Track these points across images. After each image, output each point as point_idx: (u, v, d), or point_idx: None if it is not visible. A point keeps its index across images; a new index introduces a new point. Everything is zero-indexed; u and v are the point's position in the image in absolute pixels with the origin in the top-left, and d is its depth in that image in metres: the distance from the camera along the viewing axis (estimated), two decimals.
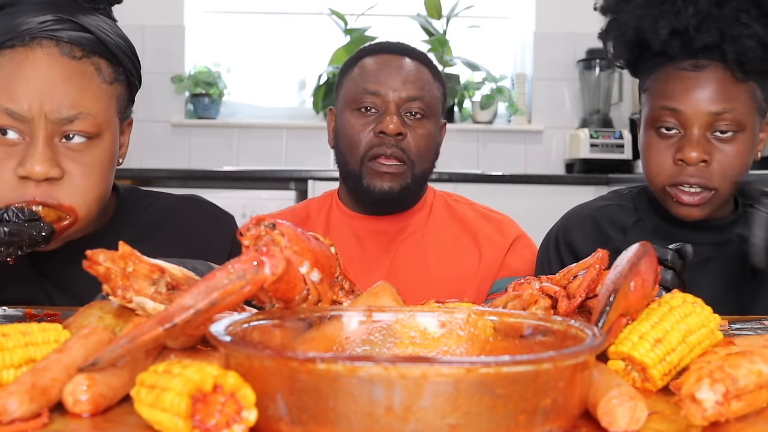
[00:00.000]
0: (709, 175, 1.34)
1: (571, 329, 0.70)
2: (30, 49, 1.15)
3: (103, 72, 1.20)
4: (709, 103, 1.32)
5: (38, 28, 1.15)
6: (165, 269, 0.84)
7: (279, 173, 3.58)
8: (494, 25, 4.36)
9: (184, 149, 4.16)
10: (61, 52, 1.15)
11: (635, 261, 0.82)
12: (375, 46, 1.66)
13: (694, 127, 1.33)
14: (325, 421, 0.57)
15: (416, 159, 1.58)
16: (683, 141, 1.34)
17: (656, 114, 1.37)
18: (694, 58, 1.35)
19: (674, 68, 1.36)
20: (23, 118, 1.13)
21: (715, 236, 1.43)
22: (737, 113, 1.32)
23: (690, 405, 0.65)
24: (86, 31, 1.18)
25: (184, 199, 1.45)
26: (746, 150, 1.35)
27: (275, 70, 4.33)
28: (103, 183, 1.21)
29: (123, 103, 1.25)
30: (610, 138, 3.89)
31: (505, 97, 4.14)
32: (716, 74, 1.33)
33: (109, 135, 1.21)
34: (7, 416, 0.64)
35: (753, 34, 1.31)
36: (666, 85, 1.36)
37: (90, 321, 0.87)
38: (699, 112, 1.33)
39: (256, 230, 0.81)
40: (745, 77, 1.33)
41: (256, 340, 0.71)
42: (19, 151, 1.14)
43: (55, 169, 1.14)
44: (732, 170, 1.35)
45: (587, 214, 1.51)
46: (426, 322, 0.78)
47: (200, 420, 0.59)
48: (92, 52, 1.18)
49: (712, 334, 0.83)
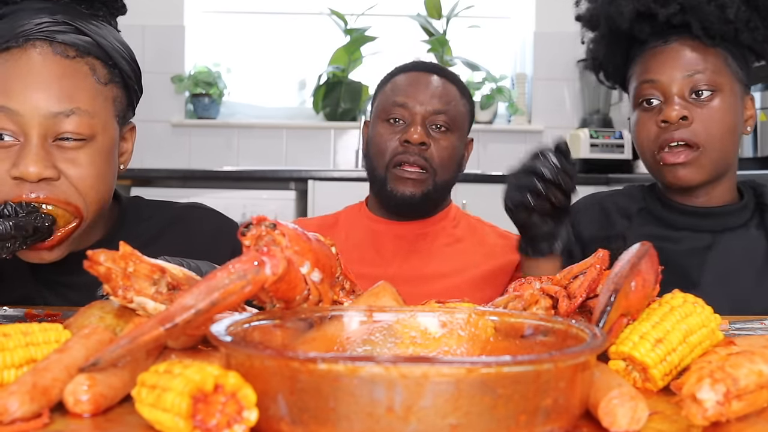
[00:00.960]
0: (692, 133, 1.41)
1: (572, 329, 0.70)
2: (24, 50, 1.16)
3: (98, 72, 1.20)
4: (683, 68, 1.43)
5: (34, 29, 1.17)
6: (166, 269, 0.84)
7: (279, 173, 3.58)
8: (494, 25, 4.36)
9: (184, 149, 4.16)
10: (55, 52, 1.16)
11: (636, 261, 0.82)
12: (408, 65, 1.78)
13: (673, 91, 1.42)
14: (326, 421, 0.57)
15: (438, 168, 1.67)
16: (664, 105, 1.43)
17: (639, 90, 1.47)
18: (663, 37, 1.45)
19: (649, 49, 1.47)
20: (17, 114, 1.13)
21: (716, 223, 1.47)
22: (711, 73, 1.42)
23: (691, 405, 0.65)
24: (82, 33, 1.19)
25: (188, 208, 1.45)
26: (728, 110, 1.42)
27: (275, 70, 4.33)
28: (101, 186, 1.20)
29: (120, 107, 1.24)
30: (610, 138, 3.90)
31: (505, 97, 4.15)
32: (686, 44, 1.44)
33: (104, 138, 1.20)
34: (7, 416, 0.64)
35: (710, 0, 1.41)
36: (643, 64, 1.48)
37: (91, 321, 0.87)
38: (674, 77, 1.42)
39: (257, 230, 0.81)
40: (713, 43, 1.43)
41: (256, 340, 0.71)
42: (13, 153, 1.14)
43: (50, 170, 1.13)
44: (715, 128, 1.41)
45: (596, 201, 1.59)
46: (427, 322, 0.78)
47: (201, 420, 0.59)
48: (86, 53, 1.19)
49: (712, 334, 0.83)
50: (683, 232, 1.46)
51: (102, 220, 1.29)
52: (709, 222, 1.47)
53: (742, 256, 1.44)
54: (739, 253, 1.44)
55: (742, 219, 1.47)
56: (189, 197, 3.35)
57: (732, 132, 1.44)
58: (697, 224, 1.47)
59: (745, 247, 1.45)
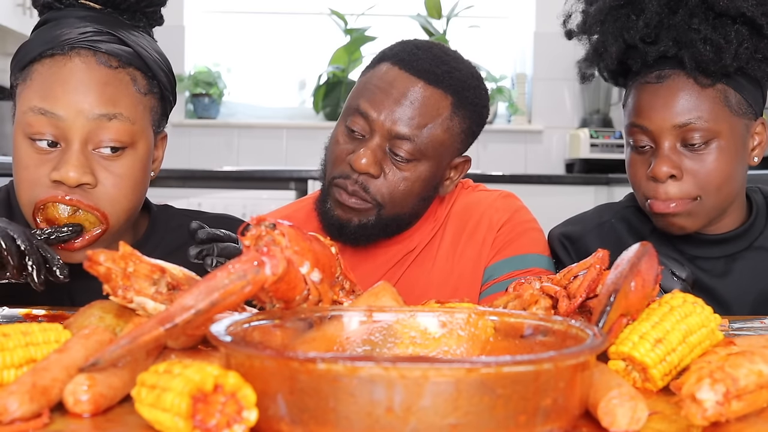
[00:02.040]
0: (684, 189, 1.29)
1: (572, 329, 0.70)
2: (68, 57, 1.18)
3: (138, 83, 1.22)
4: (674, 115, 1.28)
5: (78, 38, 1.19)
6: (166, 269, 0.84)
7: (279, 173, 3.58)
8: (494, 25, 4.36)
9: (184, 149, 4.16)
10: (98, 61, 1.18)
11: (635, 261, 0.82)
12: (400, 52, 1.37)
13: (663, 143, 1.29)
14: (326, 421, 0.57)
15: (387, 204, 1.34)
16: (654, 157, 1.31)
17: (629, 131, 1.35)
18: (657, 68, 1.32)
19: (641, 81, 1.33)
20: (59, 119, 1.15)
21: (727, 249, 1.39)
22: (705, 121, 1.28)
23: (690, 405, 0.65)
24: (124, 44, 1.21)
25: (216, 219, 1.44)
26: (725, 157, 1.30)
27: (275, 70, 4.33)
28: (135, 195, 1.22)
29: (156, 117, 1.26)
30: (610, 138, 3.90)
31: (505, 97, 4.15)
32: (679, 83, 1.30)
33: (143, 146, 1.22)
34: (7, 416, 0.64)
35: (705, 38, 1.27)
36: (635, 101, 1.34)
37: (91, 321, 0.87)
38: (664, 127, 1.29)
39: (256, 230, 0.81)
40: (709, 82, 1.29)
41: (256, 340, 0.71)
42: (54, 158, 1.16)
43: (88, 176, 1.15)
44: (712, 180, 1.29)
45: (605, 222, 1.48)
46: (426, 322, 0.78)
47: (201, 420, 0.59)
48: (128, 64, 1.21)
49: (712, 334, 0.83)
50: (696, 260, 1.38)
51: (131, 227, 1.31)
52: (720, 249, 1.39)
53: (758, 276, 1.38)
54: (755, 275, 1.38)
55: (754, 236, 1.40)
56: (189, 197, 3.35)
57: (732, 177, 1.31)
58: (708, 252, 1.39)
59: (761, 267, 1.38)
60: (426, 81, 1.32)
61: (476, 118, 1.40)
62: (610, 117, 4.12)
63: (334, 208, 1.35)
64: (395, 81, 1.33)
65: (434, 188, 1.40)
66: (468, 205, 1.49)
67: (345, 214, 1.34)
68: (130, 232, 1.31)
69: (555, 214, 1.61)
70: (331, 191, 1.36)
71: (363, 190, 1.32)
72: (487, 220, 1.46)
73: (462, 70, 1.37)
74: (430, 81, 1.33)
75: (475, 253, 1.44)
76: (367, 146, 1.31)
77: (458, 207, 1.49)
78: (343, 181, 1.33)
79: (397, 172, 1.33)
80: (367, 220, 1.35)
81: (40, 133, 1.16)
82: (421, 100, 1.32)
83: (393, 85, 1.32)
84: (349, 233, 1.36)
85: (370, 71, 1.38)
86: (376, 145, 1.31)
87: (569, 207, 1.59)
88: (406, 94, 1.32)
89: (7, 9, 3.45)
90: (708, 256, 1.39)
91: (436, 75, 1.33)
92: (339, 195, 1.34)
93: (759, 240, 1.40)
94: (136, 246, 1.28)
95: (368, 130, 1.32)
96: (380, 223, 1.36)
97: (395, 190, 1.33)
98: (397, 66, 1.34)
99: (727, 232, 1.39)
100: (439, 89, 1.33)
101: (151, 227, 1.36)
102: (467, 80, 1.37)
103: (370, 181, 1.32)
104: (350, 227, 1.35)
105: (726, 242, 1.39)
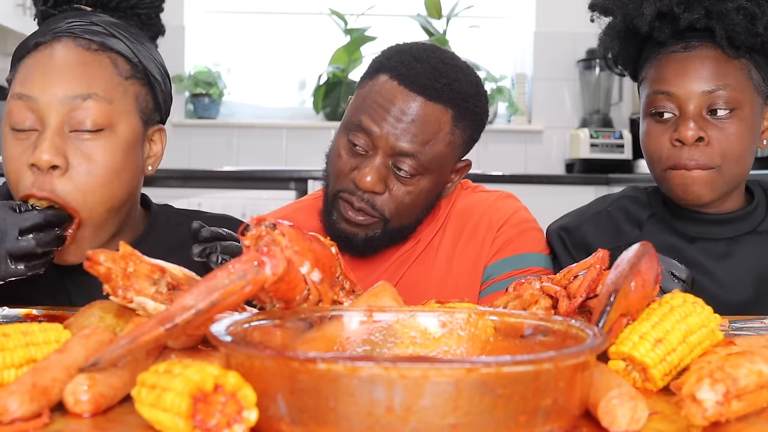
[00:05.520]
0: (709, 155, 1.31)
1: (572, 329, 0.70)
2: (50, 45, 1.19)
3: (120, 67, 1.21)
4: (702, 82, 1.32)
5: (64, 27, 1.20)
6: (166, 269, 0.84)
7: (279, 173, 3.58)
8: (494, 25, 4.36)
9: (184, 149, 4.16)
10: (77, 44, 1.19)
11: (636, 261, 0.82)
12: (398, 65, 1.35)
13: (689, 108, 1.32)
14: (326, 421, 0.57)
15: (393, 217, 1.36)
16: (679, 122, 1.33)
17: (652, 99, 1.36)
18: (684, 41, 1.35)
19: (666, 53, 1.36)
20: (35, 101, 1.15)
21: (728, 230, 1.41)
22: (731, 90, 1.31)
23: (690, 405, 0.65)
24: (109, 34, 1.22)
25: (216, 219, 1.43)
26: (746, 129, 1.33)
27: (275, 70, 4.33)
28: (113, 184, 1.18)
29: (144, 105, 1.24)
30: (610, 138, 3.90)
31: (505, 97, 4.15)
32: (707, 53, 1.33)
33: (124, 130, 1.19)
34: (7, 416, 0.64)
35: (739, 8, 1.30)
36: (659, 70, 1.36)
37: (91, 321, 0.87)
38: (692, 92, 1.32)
39: (256, 230, 0.81)
40: (737, 54, 1.32)
41: (256, 340, 0.71)
42: (32, 143, 1.16)
43: (60, 158, 1.13)
44: (733, 150, 1.32)
45: (602, 209, 1.50)
46: (426, 322, 0.78)
47: (201, 420, 0.59)
48: (109, 48, 1.21)
49: (712, 334, 0.83)
50: (697, 241, 1.40)
51: (130, 225, 1.29)
52: (722, 229, 1.40)
53: (759, 260, 1.39)
54: (756, 258, 1.39)
55: (755, 222, 1.41)
56: (189, 197, 3.35)
57: (749, 151, 1.35)
58: (710, 232, 1.40)
59: (762, 250, 1.39)
60: (426, 97, 1.32)
61: (477, 126, 1.41)
62: (610, 117, 4.12)
63: (339, 221, 1.37)
64: (395, 98, 1.32)
65: (437, 196, 1.43)
66: (468, 206, 1.50)
67: (351, 228, 1.36)
68: (128, 230, 1.30)
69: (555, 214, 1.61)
70: (337, 204, 1.37)
71: (370, 206, 1.34)
72: (486, 221, 1.47)
73: (461, 79, 1.37)
74: (430, 97, 1.32)
75: (475, 253, 1.46)
76: (371, 165, 1.32)
77: (458, 207, 1.50)
78: (349, 196, 1.35)
79: (402, 186, 1.34)
80: (373, 233, 1.37)
81: (21, 121, 1.16)
82: (422, 117, 1.32)
83: (393, 102, 1.32)
84: (356, 246, 1.38)
85: (369, 83, 1.37)
86: (380, 163, 1.32)
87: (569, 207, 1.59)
88: (406, 112, 1.31)
89: (7, 9, 3.45)
90: (709, 237, 1.40)
91: (436, 90, 1.33)
92: (345, 211, 1.36)
93: (762, 225, 1.42)
94: (136, 243, 1.29)
95: (371, 146, 1.33)
96: (386, 235, 1.38)
97: (401, 204, 1.35)
98: (396, 81, 1.33)
99: (728, 213, 1.41)
100: (440, 104, 1.33)
101: (150, 225, 1.35)
102: (466, 90, 1.37)
103: (376, 197, 1.34)
104: (357, 240, 1.37)
105: (727, 223, 1.41)
